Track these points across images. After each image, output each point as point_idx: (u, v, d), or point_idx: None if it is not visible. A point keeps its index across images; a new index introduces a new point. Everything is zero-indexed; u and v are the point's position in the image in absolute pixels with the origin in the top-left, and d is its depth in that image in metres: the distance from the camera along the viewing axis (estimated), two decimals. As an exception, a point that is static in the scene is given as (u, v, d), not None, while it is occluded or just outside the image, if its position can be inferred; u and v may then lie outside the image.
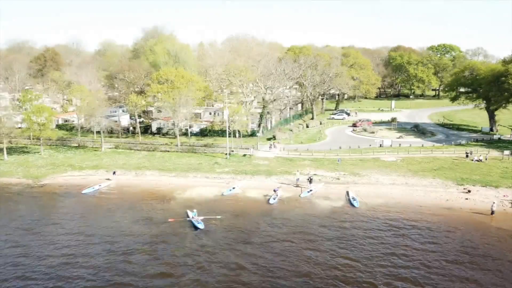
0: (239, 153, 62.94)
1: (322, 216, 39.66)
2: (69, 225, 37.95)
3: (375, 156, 60.59)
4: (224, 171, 54.33)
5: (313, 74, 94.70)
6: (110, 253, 32.22)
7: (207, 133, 77.19)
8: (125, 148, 66.98)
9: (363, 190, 46.65)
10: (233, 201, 44.36)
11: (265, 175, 52.24)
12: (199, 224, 36.94)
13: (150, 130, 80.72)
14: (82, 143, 69.36)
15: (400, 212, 40.62)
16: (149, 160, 60.14)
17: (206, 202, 43.88)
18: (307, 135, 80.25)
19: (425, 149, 64.24)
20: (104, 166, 57.25)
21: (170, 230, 36.58)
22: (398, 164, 56.73)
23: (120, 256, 31.67)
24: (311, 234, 35.51)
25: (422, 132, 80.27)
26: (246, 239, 34.49)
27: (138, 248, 32.85)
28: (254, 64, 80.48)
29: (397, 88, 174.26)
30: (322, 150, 64.19)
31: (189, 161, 59.65)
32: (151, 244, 33.61)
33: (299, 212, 41.04)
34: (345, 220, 38.74)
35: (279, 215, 40.25)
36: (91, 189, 48.12)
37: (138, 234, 35.51)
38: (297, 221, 38.52)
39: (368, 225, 37.68)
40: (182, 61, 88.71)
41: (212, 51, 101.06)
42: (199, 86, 75.22)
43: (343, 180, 50.27)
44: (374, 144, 68.54)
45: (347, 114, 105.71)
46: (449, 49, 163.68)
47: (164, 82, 72.46)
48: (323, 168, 54.88)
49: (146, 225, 37.83)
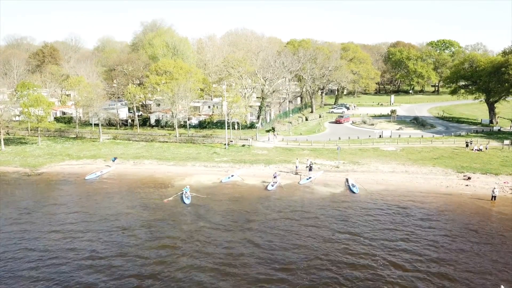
0: (238, 144, 62.60)
1: (321, 201, 39.37)
2: (69, 208, 37.68)
3: (375, 146, 60.27)
4: (222, 160, 54.00)
5: (313, 67, 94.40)
6: (109, 229, 32.62)
7: (206, 125, 76.82)
8: (124, 139, 66.62)
9: (363, 178, 46.34)
10: (232, 187, 44.03)
11: (264, 164, 51.92)
12: (187, 200, 39.31)
13: (149, 122, 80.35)
14: (80, 134, 68.96)
15: (400, 197, 40.33)
16: (147, 150, 59.79)
17: (205, 189, 43.56)
18: (306, 127, 79.96)
19: (425, 140, 63.95)
20: (102, 156, 56.89)
21: (167, 213, 36.34)
22: (398, 153, 56.41)
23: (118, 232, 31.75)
24: (310, 214, 35.33)
25: (421, 124, 79.97)
26: (245, 221, 34.18)
27: (135, 228, 32.59)
28: (253, 57, 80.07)
29: (396, 84, 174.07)
30: (321, 140, 63.87)
31: (188, 151, 59.31)
32: (148, 225, 33.33)
33: (298, 197, 40.76)
34: (344, 203, 38.46)
35: (278, 199, 39.95)
36: (93, 175, 48.27)
37: (135, 216, 35.25)
38: (296, 205, 38.27)
39: (368, 206, 37.49)
40: (180, 54, 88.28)
41: (210, 44, 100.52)
42: (198, 78, 74.82)
43: (343, 168, 49.96)
44: (374, 135, 68.25)
45: (346, 108, 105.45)
46: (449, 44, 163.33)
47: (162, 73, 72.06)
48: (322, 157, 54.56)
49: (143, 208, 37.57)
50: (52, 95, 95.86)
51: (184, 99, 66.91)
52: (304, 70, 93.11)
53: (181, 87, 65.12)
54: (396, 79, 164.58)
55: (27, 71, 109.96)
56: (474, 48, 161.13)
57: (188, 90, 66.84)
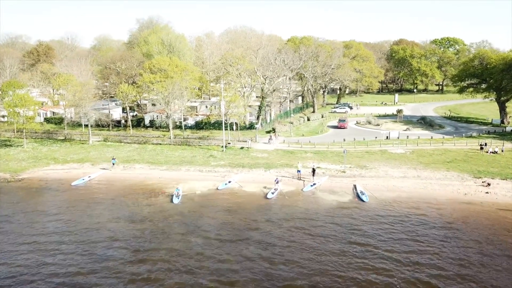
0: (236, 145, 58.77)
1: (328, 212, 35.51)
2: (49, 217, 33.84)
3: (382, 148, 56.43)
4: (219, 164, 50.16)
5: (314, 65, 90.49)
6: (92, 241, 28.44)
7: (203, 126, 72.97)
8: (115, 141, 62.77)
9: (372, 184, 42.51)
10: (229, 195, 40.20)
11: (264, 168, 48.09)
12: (176, 199, 37.98)
13: (143, 123, 76.55)
14: (69, 136, 65.11)
15: (415, 206, 36.48)
16: (139, 153, 55.96)
17: (199, 197, 39.74)
18: (308, 128, 76.11)
19: (435, 141, 60.09)
20: (90, 160, 53.04)
21: (155, 224, 32.54)
22: (407, 156, 52.57)
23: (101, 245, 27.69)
24: (316, 226, 31.39)
25: (429, 124, 76.09)
26: (242, 235, 30.37)
27: (120, 240, 28.76)
28: (253, 54, 76.23)
29: (399, 82, 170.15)
30: (325, 142, 60.05)
31: (182, 154, 55.47)
32: (134, 238, 29.50)
33: (301, 207, 36.90)
34: (353, 214, 34.58)
35: (279, 210, 36.11)
36: (80, 181, 44.84)
37: (121, 227, 31.40)
38: (299, 216, 34.40)
39: (380, 217, 33.58)
40: (176, 51, 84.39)
41: (208, 42, 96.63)
42: (194, 76, 70.96)
43: (349, 173, 46.12)
44: (380, 136, 64.44)
45: (349, 107, 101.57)
46: (453, 42, 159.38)
47: (157, 71, 68.23)
48: (326, 161, 50.73)
49: (129, 218, 33.72)
50: (44, 95, 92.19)
51: (179, 98, 63.07)
52: (305, 68, 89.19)
53: (176, 86, 61.26)
54: (399, 78, 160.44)
55: (21, 70, 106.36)
56: (479, 46, 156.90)
57: (184, 89, 62.98)
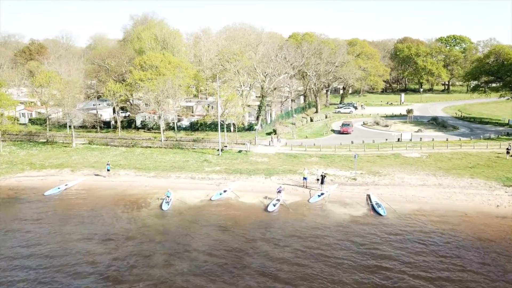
0: (234, 149, 53.43)
1: (340, 228, 30.11)
2: (9, 235, 28.48)
3: (395, 152, 51.05)
4: (214, 171, 44.79)
5: (317, 63, 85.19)
6: (54, 267, 22.83)
7: (198, 127, 67.64)
8: (101, 144, 57.39)
9: (387, 193, 37.12)
10: (224, 207, 34.81)
11: (264, 175, 42.73)
12: (166, 205, 34.75)
13: (134, 124, 71.23)
14: (52, 138, 59.70)
15: (441, 221, 31.09)
16: (126, 158, 50.58)
17: (189, 210, 34.36)
18: (311, 129, 70.76)
19: (452, 144, 54.69)
20: (71, 165, 47.66)
21: (134, 246, 27.14)
22: (424, 161, 47.20)
23: (64, 272, 22.35)
24: (327, 253, 25.96)
25: (442, 125, 70.70)
26: (237, 260, 24.99)
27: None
28: (252, 50, 70.94)
29: (403, 82, 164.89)
30: (331, 145, 54.68)
31: (174, 158, 50.11)
32: (107, 265, 24.13)
33: (308, 222, 31.47)
34: (371, 233, 29.18)
35: (282, 226, 30.72)
36: (55, 190, 39.45)
37: (92, 249, 26.02)
38: (306, 235, 28.97)
39: (402, 239, 28.15)
40: (171, 47, 79.07)
41: (205, 39, 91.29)
42: (189, 73, 65.64)
43: (361, 180, 40.73)
44: (391, 138, 59.09)
45: (354, 107, 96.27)
46: (459, 40, 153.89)
47: (148, 68, 62.94)
48: (334, 166, 45.36)
49: (103, 238, 28.34)
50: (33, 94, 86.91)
51: (172, 97, 57.75)
52: (308, 66, 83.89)
53: (168, 84, 55.95)
54: (404, 77, 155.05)
55: (11, 69, 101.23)
56: (486, 44, 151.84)
57: (177, 87, 57.66)
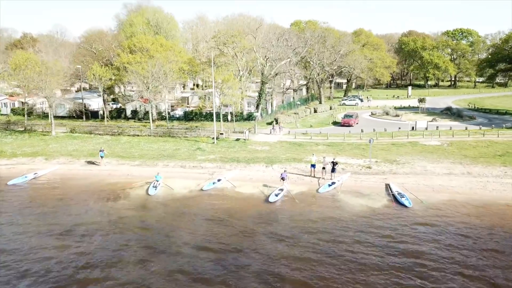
0: (231, 137, 47.97)
1: (357, 222, 24.61)
2: None
3: (412, 140, 45.55)
4: (208, 159, 39.29)
5: (322, 51, 79.77)
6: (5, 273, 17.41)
7: (193, 117, 62.13)
8: (84, 132, 51.85)
9: (410, 182, 31.65)
10: (217, 198, 29.32)
11: (264, 163, 37.24)
12: (153, 190, 30.53)
13: (124, 113, 65.78)
14: (30, 126, 54.19)
15: (481, 212, 25.67)
16: (110, 146, 45.03)
17: (175, 201, 28.91)
18: (316, 119, 65.26)
19: (473, 132, 49.19)
20: (46, 153, 42.17)
21: (103, 252, 21.62)
22: (445, 149, 41.71)
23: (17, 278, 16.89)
24: (345, 254, 20.50)
25: (458, 115, 65.28)
26: (230, 265, 19.53)
27: (48, 271, 17.95)
28: (251, 34, 65.47)
29: (407, 78, 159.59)
30: (339, 133, 49.19)
31: (163, 146, 44.62)
32: (72, 267, 18.66)
33: (317, 214, 25.99)
34: (396, 227, 23.68)
35: (287, 220, 25.26)
36: (20, 179, 33.99)
37: (53, 249, 20.55)
38: (316, 230, 23.49)
39: (436, 233, 22.66)
40: (164, 32, 73.63)
41: (202, 25, 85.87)
42: (182, 57, 60.20)
43: (377, 169, 35.24)
44: (404, 127, 53.61)
45: (360, 100, 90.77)
46: (467, 33, 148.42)
47: (137, 51, 57.50)
48: (344, 154, 39.86)
49: (61, 237, 22.84)
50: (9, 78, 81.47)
51: (163, 81, 52.28)
52: (311, 54, 78.49)
53: (158, 66, 50.48)
54: (410, 71, 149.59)
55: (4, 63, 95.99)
56: (494, 37, 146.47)
57: (168, 71, 52.19)
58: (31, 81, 49.41)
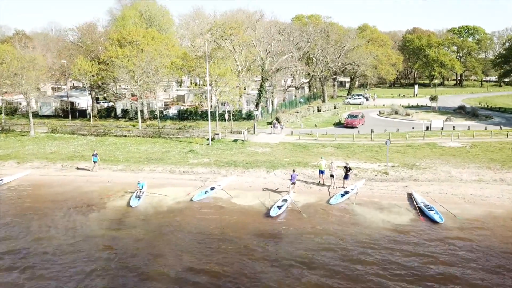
0: (228, 138, 43.36)
1: (381, 246, 19.95)
2: None
3: (428, 142, 40.95)
4: (201, 163, 34.66)
5: (325, 47, 75.17)
6: None
7: (187, 116, 57.56)
8: (66, 132, 47.22)
9: (436, 191, 27.04)
10: (209, 211, 24.70)
11: (265, 168, 32.62)
12: (135, 200, 25.65)
13: (114, 112, 61.21)
14: (8, 126, 49.54)
15: (531, 233, 21.06)
16: (92, 148, 40.38)
17: (159, 215, 24.28)
18: (320, 118, 60.67)
19: (495, 133, 44.61)
20: (20, 156, 37.53)
21: (64, 284, 16.99)
22: (469, 151, 37.09)
23: None
24: (363, 277, 15.93)
25: (473, 114, 60.71)
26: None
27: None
28: (251, 27, 60.75)
29: (411, 77, 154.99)
30: (348, 134, 44.58)
31: (152, 148, 40.00)
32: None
33: (330, 235, 21.36)
34: (431, 253, 19.03)
35: (292, 241, 20.62)
36: None
37: None
38: (329, 259, 18.85)
39: (485, 265, 18.03)
40: (157, 25, 69.00)
41: (198, 19, 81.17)
42: (176, 51, 55.58)
43: (394, 175, 30.64)
44: (418, 127, 49.04)
45: (365, 98, 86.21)
46: (473, 31, 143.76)
47: (127, 44, 52.86)
48: (355, 157, 35.25)
49: (13, 264, 18.22)
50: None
51: (153, 76, 47.68)
52: (314, 50, 73.93)
53: (148, 59, 45.85)
54: (415, 70, 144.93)
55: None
56: (501, 35, 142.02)
57: (159, 64, 47.59)
58: (7, 76, 44.72)
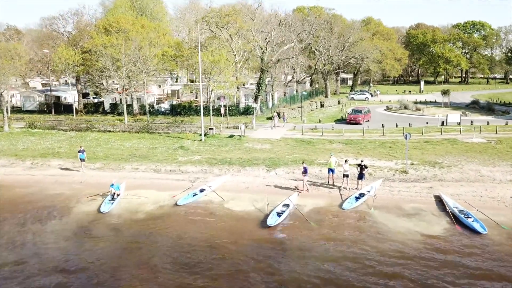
0: (224, 134, 39.01)
1: (412, 266, 15.61)
2: None
3: (447, 137, 36.63)
4: (191, 160, 30.29)
5: (328, 39, 70.80)
6: None
7: (181, 111, 53.23)
8: (45, 128, 42.83)
9: (468, 194, 22.70)
10: (196, 218, 20.33)
11: (265, 166, 28.26)
12: (107, 205, 21.51)
13: (102, 107, 56.91)
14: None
15: None
16: (71, 144, 36.05)
17: (135, 223, 19.91)
18: (324, 114, 56.33)
19: (519, 127, 40.35)
20: (-13, 153, 33.21)
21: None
22: (495, 147, 32.78)
23: None
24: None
25: (488, 109, 56.48)
26: None
27: None
28: (249, 15, 56.42)
29: (414, 75, 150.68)
30: (357, 129, 40.26)
31: (137, 144, 35.62)
32: None
33: (346, 249, 16.99)
34: (480, 275, 14.69)
35: (297, 259, 16.24)
36: None
37: None
38: (347, 278, 14.52)
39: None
40: (149, 15, 64.63)
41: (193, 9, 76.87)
42: (168, 41, 51.23)
43: (415, 174, 26.27)
44: (432, 122, 44.79)
45: (370, 94, 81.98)
46: (479, 26, 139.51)
47: (115, 33, 48.50)
48: (368, 154, 30.89)
49: None
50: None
51: (142, 66, 43.36)
52: (317, 42, 69.63)
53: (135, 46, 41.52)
54: (419, 66, 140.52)
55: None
56: (508, 30, 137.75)
57: (148, 54, 43.25)
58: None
